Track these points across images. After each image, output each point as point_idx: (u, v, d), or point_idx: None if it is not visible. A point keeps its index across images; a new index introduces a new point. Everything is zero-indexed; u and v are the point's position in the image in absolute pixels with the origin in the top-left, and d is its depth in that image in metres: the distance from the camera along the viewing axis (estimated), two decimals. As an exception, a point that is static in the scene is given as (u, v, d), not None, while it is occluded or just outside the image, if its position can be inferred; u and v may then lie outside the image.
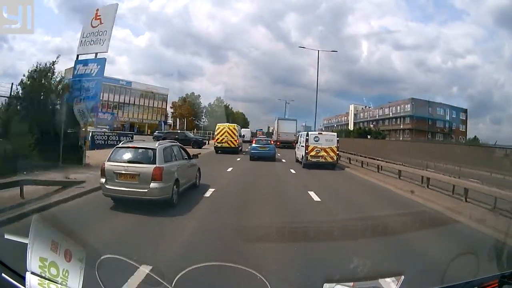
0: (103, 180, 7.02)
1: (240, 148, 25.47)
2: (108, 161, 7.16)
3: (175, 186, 7.40)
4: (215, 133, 25.01)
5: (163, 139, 23.53)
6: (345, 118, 76.53)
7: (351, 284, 2.21)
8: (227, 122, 30.45)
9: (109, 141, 24.72)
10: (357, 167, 18.59)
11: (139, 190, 6.77)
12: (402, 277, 2.15)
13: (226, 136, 24.06)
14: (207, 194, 9.10)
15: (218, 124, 25.36)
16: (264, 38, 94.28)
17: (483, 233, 6.53)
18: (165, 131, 43.13)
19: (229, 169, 15.24)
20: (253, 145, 20.93)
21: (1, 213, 6.03)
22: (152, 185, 6.80)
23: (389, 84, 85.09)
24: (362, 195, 10.85)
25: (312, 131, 26.16)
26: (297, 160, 19.66)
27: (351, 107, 73.66)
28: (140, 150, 7.38)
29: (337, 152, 17.49)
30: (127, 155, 7.27)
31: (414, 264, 4.74)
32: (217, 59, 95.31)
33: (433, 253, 5.03)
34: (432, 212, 8.54)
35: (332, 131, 55.27)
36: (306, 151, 17.01)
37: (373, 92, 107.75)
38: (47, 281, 1.78)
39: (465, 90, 77.09)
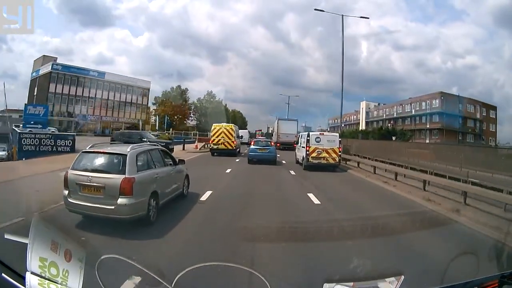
0: (66, 192, 5.78)
1: (238, 150, 24.07)
2: (71, 168, 5.91)
3: (152, 200, 6.11)
4: (211, 134, 23.42)
5: (112, 141, 17.55)
6: (355, 116, 68.61)
7: (351, 284, 2.22)
8: (220, 120, 28.78)
9: (41, 147, 18.52)
10: (388, 179, 13.68)
11: (104, 206, 5.49)
12: (402, 277, 2.15)
13: (222, 137, 22.58)
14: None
15: (214, 124, 23.73)
16: (263, 39, 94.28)
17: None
18: (125, 131, 33.80)
19: (226, 172, 13.86)
20: (252, 146, 19.05)
21: None
22: (120, 200, 5.49)
23: (388, 84, 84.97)
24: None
25: (312, 131, 24.81)
26: (297, 162, 18.63)
27: (363, 104, 65.40)
28: (108, 156, 6.06)
29: (339, 154, 16.59)
30: (92, 162, 5.99)
31: (414, 264, 4.74)
32: (216, 60, 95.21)
33: (433, 253, 5.03)
34: (432, 212, 8.54)
35: (342, 132, 53.34)
36: (307, 152, 16.12)
37: (372, 92, 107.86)
38: (47, 281, 1.78)
39: (465, 90, 77.33)
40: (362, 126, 62.62)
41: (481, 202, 8.70)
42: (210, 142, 23.16)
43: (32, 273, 1.78)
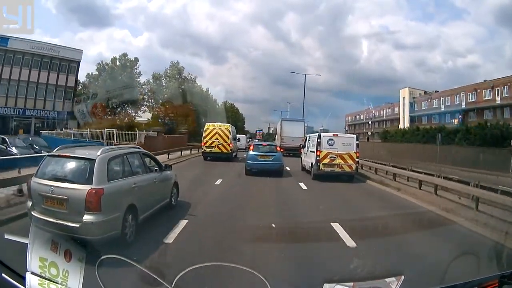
0: (29, 203, 4.94)
1: (234, 154, 21.50)
2: (35, 175, 5.02)
3: (129, 216, 5.09)
4: (203, 135, 20.36)
5: None
6: (389, 110, 53.07)
7: (351, 284, 2.22)
8: (198, 110, 25.47)
9: None
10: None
11: (68, 224, 4.45)
12: (402, 277, 2.15)
13: (217, 138, 19.71)
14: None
15: (207, 124, 20.93)
16: (263, 38, 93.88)
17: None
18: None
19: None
20: (251, 152, 14.50)
21: None
22: (86, 217, 4.49)
23: (389, 84, 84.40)
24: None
25: (315, 131, 21.78)
26: (303, 169, 15.80)
27: (404, 93, 49.06)
28: (74, 162, 5.03)
29: (357, 160, 13.48)
30: (57, 169, 5.03)
31: (414, 264, 4.74)
32: (216, 59, 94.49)
33: (433, 254, 5.03)
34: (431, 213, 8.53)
35: (387, 133, 42.06)
36: (318, 158, 13.12)
37: (372, 92, 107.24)
38: (47, 281, 1.78)
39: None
40: (405, 123, 46.40)
41: None
42: (202, 144, 20.47)
43: (32, 273, 1.78)
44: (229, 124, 21.83)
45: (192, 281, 2.09)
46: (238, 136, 28.61)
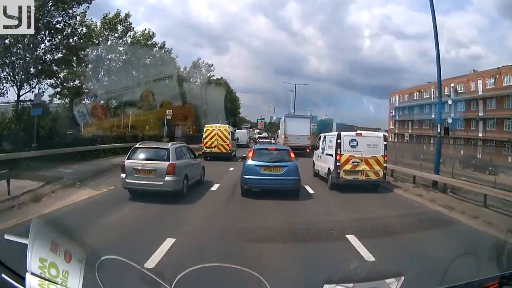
0: (123, 175, 8.53)
1: (233, 154, 22.18)
2: (127, 159, 8.71)
3: (185, 180, 8.89)
4: (203, 136, 21.21)
5: None
6: (491, 80, 32.34)
7: (351, 285, 2.22)
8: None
9: None
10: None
11: (155, 182, 8.32)
12: (402, 278, 2.15)
13: (216, 139, 20.80)
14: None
15: (206, 126, 22.00)
16: (265, 28, 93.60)
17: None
18: None
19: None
20: (250, 162, 9.66)
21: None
22: (167, 178, 8.32)
23: (391, 74, 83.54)
24: None
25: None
26: (315, 175, 13.76)
27: None
28: (155, 150, 9.05)
29: (384, 165, 11.16)
30: (144, 154, 8.83)
31: (414, 264, 4.73)
32: (218, 49, 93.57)
33: (433, 254, 5.03)
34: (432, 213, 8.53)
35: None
36: (338, 164, 10.85)
37: (374, 82, 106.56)
38: (47, 281, 1.78)
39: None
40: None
41: None
42: (203, 145, 21.30)
43: (32, 273, 1.77)
44: (227, 125, 23.29)
45: (192, 282, 2.09)
46: (238, 133, 30.34)
